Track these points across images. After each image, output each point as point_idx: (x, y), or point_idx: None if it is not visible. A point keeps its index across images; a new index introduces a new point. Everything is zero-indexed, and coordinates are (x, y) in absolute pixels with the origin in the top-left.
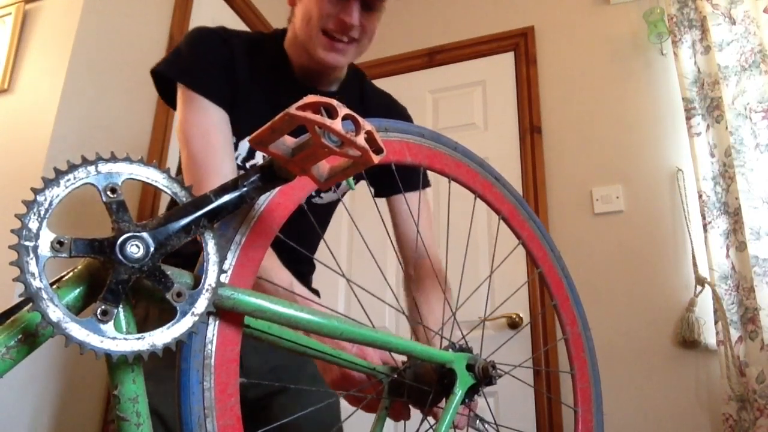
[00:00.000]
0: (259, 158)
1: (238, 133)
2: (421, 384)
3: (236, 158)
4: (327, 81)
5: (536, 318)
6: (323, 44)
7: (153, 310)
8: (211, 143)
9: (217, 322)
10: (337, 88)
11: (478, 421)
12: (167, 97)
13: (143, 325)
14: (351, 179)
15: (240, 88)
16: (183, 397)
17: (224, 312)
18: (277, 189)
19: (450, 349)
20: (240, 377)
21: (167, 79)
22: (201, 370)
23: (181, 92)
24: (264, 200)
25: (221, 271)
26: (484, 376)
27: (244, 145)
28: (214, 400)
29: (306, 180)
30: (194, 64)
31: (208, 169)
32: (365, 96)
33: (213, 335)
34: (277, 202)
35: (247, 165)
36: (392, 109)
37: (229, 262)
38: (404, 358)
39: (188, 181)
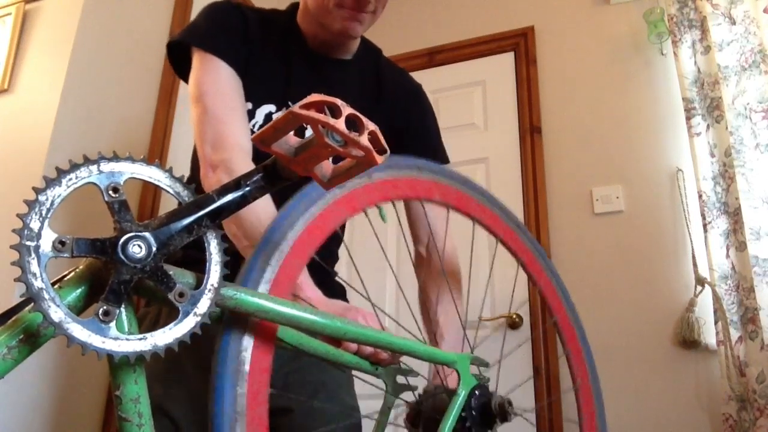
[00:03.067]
0: None
1: (255, 100)
2: (439, 414)
3: (254, 126)
4: (341, 50)
5: (536, 316)
6: (341, 16)
7: (165, 310)
8: (228, 101)
9: (253, 331)
10: (351, 57)
11: None
12: (182, 72)
13: (155, 326)
14: (384, 212)
15: (254, 55)
16: (216, 399)
17: (260, 322)
18: (330, 201)
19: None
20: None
21: (182, 50)
22: (235, 375)
23: (197, 56)
24: (318, 208)
25: (222, 273)
26: (501, 412)
27: (261, 112)
28: (245, 406)
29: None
30: (209, 29)
31: (228, 124)
32: (381, 69)
33: (249, 344)
34: (329, 213)
35: None
36: (406, 86)
37: (271, 272)
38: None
39: (205, 136)
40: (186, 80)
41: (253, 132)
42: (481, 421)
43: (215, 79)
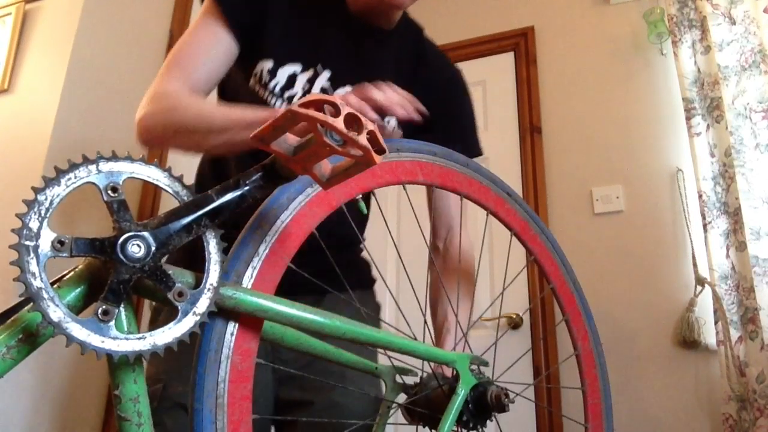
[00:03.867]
0: (297, 89)
1: (277, 58)
2: (433, 409)
3: (275, 86)
4: (382, 19)
5: (536, 318)
6: None
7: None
8: (197, 50)
9: (229, 362)
10: (391, 28)
11: None
12: None
13: (169, 320)
14: (362, 204)
15: (277, 9)
16: (197, 395)
17: (237, 349)
18: (307, 199)
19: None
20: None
21: None
22: (214, 410)
23: (206, 2)
24: (293, 209)
25: (222, 272)
26: (497, 404)
27: (284, 72)
28: (227, 402)
29: (337, 191)
30: None
31: (180, 64)
32: (422, 48)
33: (225, 374)
34: (307, 212)
35: (285, 94)
36: (445, 71)
37: (253, 269)
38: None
39: (160, 72)
40: None
41: (273, 93)
42: (477, 412)
43: (204, 31)
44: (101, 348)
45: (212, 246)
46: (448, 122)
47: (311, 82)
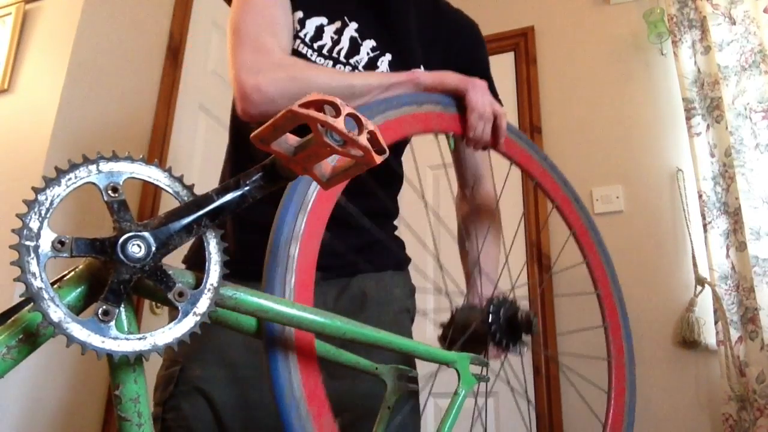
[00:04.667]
0: (326, 39)
1: (306, 10)
2: (469, 335)
3: (305, 36)
4: None
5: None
6: None
7: None
8: (272, 15)
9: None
10: None
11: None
12: None
13: None
14: (451, 138)
15: None
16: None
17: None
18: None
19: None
20: None
21: None
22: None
23: None
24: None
25: (222, 272)
26: (526, 323)
27: (312, 23)
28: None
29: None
30: None
31: (266, 30)
32: (438, 4)
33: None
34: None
35: (315, 45)
36: (462, 23)
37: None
38: None
39: (240, 42)
40: None
41: (304, 42)
42: (509, 332)
43: (257, 6)
44: (101, 348)
45: (212, 246)
46: (472, 74)
47: (339, 33)
